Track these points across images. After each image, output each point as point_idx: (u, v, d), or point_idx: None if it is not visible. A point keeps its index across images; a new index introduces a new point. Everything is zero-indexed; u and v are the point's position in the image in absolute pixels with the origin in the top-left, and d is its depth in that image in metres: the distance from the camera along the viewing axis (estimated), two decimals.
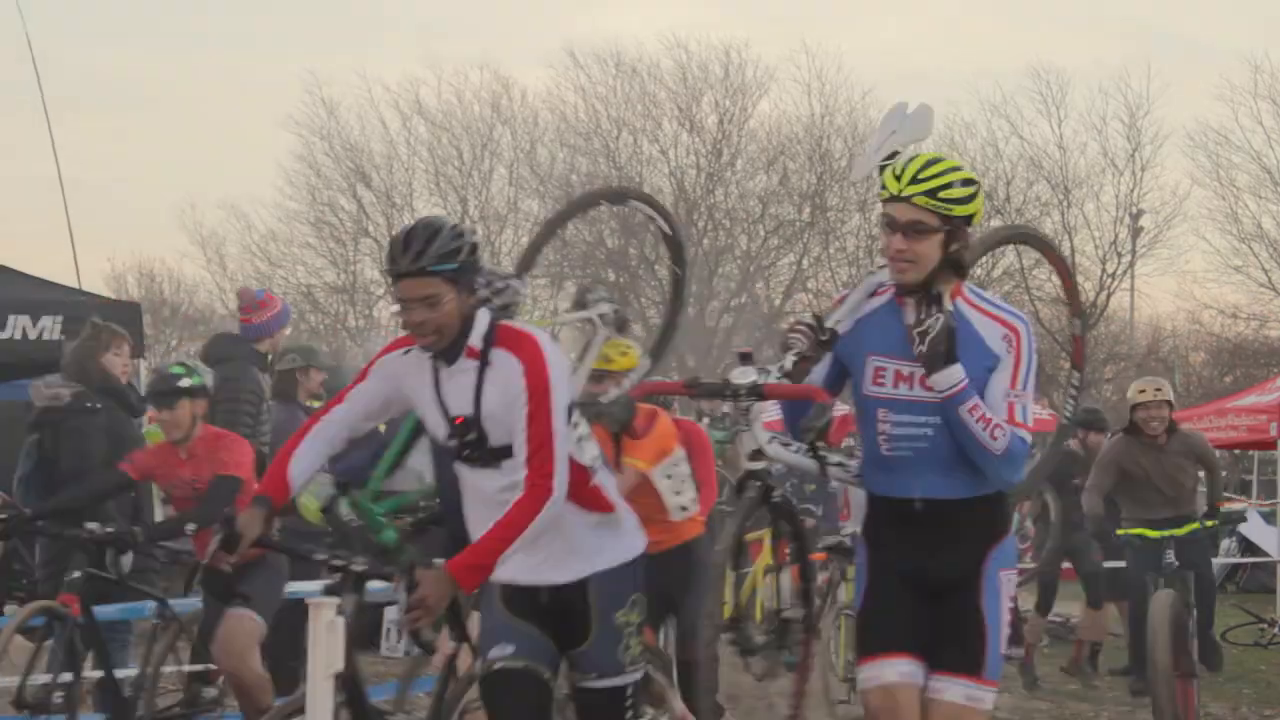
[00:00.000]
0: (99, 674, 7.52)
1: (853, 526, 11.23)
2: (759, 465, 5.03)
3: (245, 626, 7.20)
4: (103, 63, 57.27)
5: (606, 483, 4.95)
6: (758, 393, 4.94)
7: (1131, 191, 40.22)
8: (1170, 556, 9.59)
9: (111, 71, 57.28)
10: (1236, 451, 24.31)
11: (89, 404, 8.11)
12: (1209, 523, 10.34)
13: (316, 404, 10.11)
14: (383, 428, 6.61)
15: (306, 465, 4.91)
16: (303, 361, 9.87)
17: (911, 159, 4.83)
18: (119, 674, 7.72)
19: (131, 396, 8.61)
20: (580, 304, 6.45)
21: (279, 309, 9.26)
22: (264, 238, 43.34)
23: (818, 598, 6.36)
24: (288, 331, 9.49)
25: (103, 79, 56.91)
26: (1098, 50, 53.98)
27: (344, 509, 6.47)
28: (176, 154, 58.16)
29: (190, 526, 7.23)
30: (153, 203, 64.00)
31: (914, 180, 4.72)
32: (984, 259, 41.42)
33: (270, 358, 9.41)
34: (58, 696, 7.26)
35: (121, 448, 8.20)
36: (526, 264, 6.17)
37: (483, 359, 4.73)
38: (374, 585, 5.11)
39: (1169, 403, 10.93)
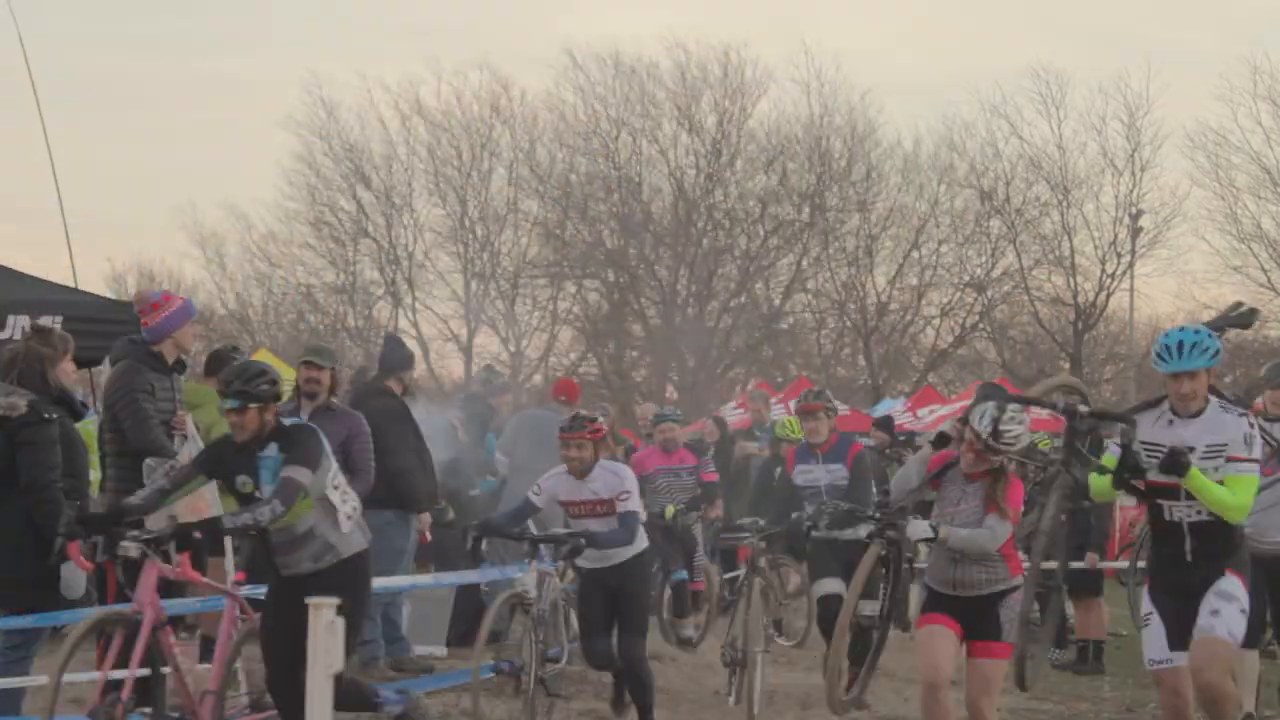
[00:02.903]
0: None
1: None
2: None
3: None
4: (103, 63, 57.30)
5: None
6: None
7: (1131, 192, 40.27)
8: None
9: (111, 72, 57.30)
10: None
11: (45, 414, 8.08)
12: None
13: (334, 400, 10.30)
14: None
15: None
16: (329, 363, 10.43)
17: None
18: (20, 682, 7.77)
19: (77, 403, 8.64)
20: None
21: (174, 309, 9.24)
22: (264, 238, 43.39)
23: None
24: (192, 328, 9.48)
25: (102, 79, 56.94)
26: (1097, 50, 54.00)
27: None
28: (176, 154, 58.16)
29: None
30: (153, 202, 63.94)
31: None
32: (983, 258, 41.52)
33: (179, 356, 9.42)
34: None
35: (73, 456, 8.22)
36: None
37: None
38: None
39: None
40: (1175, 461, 7.10)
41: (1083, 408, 7.38)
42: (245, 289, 44.22)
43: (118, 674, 7.43)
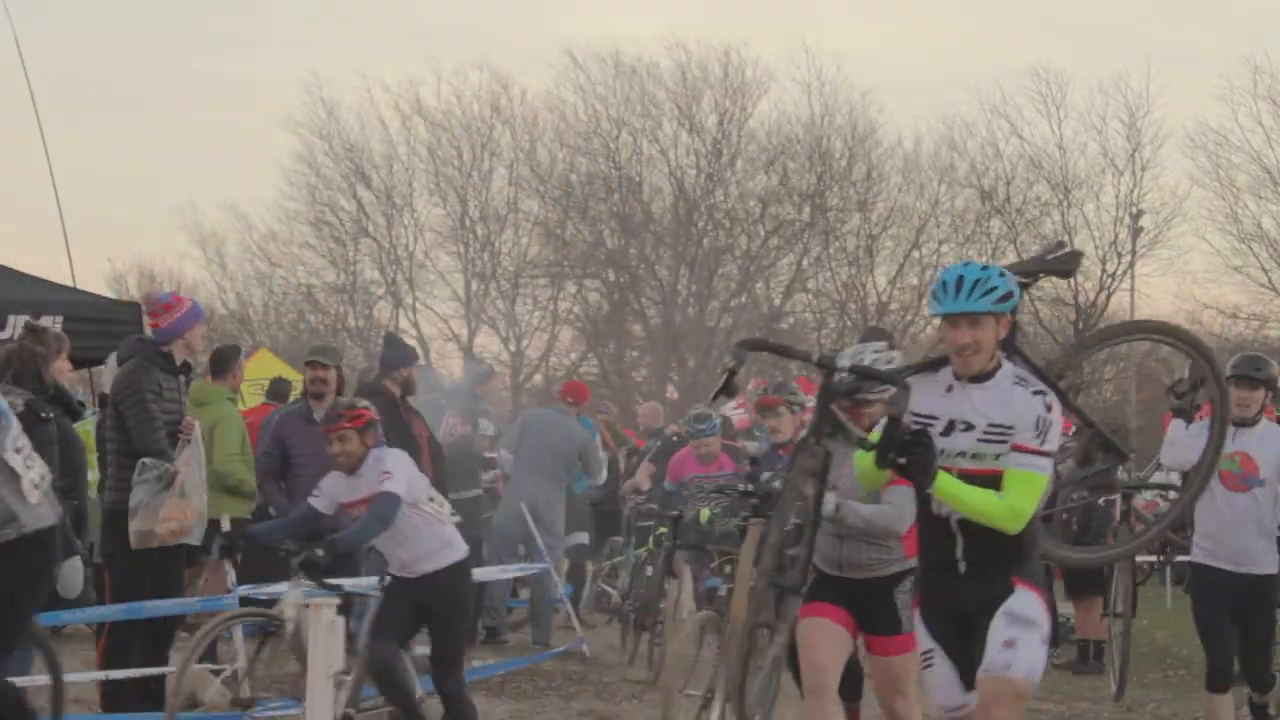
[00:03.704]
0: None
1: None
2: None
3: None
4: (103, 63, 57.29)
5: None
6: None
7: (1131, 191, 40.23)
8: None
9: (111, 72, 57.30)
10: None
11: (42, 413, 8.09)
12: None
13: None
14: None
15: None
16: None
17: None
18: (21, 682, 7.69)
19: (74, 402, 8.66)
20: None
21: (185, 310, 9.27)
22: (264, 238, 43.36)
23: None
24: (200, 330, 9.49)
25: (102, 79, 56.93)
26: (1097, 50, 54.00)
27: None
28: (176, 154, 58.15)
29: None
30: (153, 202, 63.96)
31: None
32: (984, 258, 41.44)
33: (187, 359, 9.42)
34: None
35: (70, 455, 8.23)
36: None
37: None
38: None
39: None
40: (915, 457, 5.43)
41: (841, 361, 5.92)
42: (245, 289, 44.23)
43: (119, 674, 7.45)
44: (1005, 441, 5.51)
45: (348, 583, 8.59)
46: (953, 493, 5.47)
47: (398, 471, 8.16)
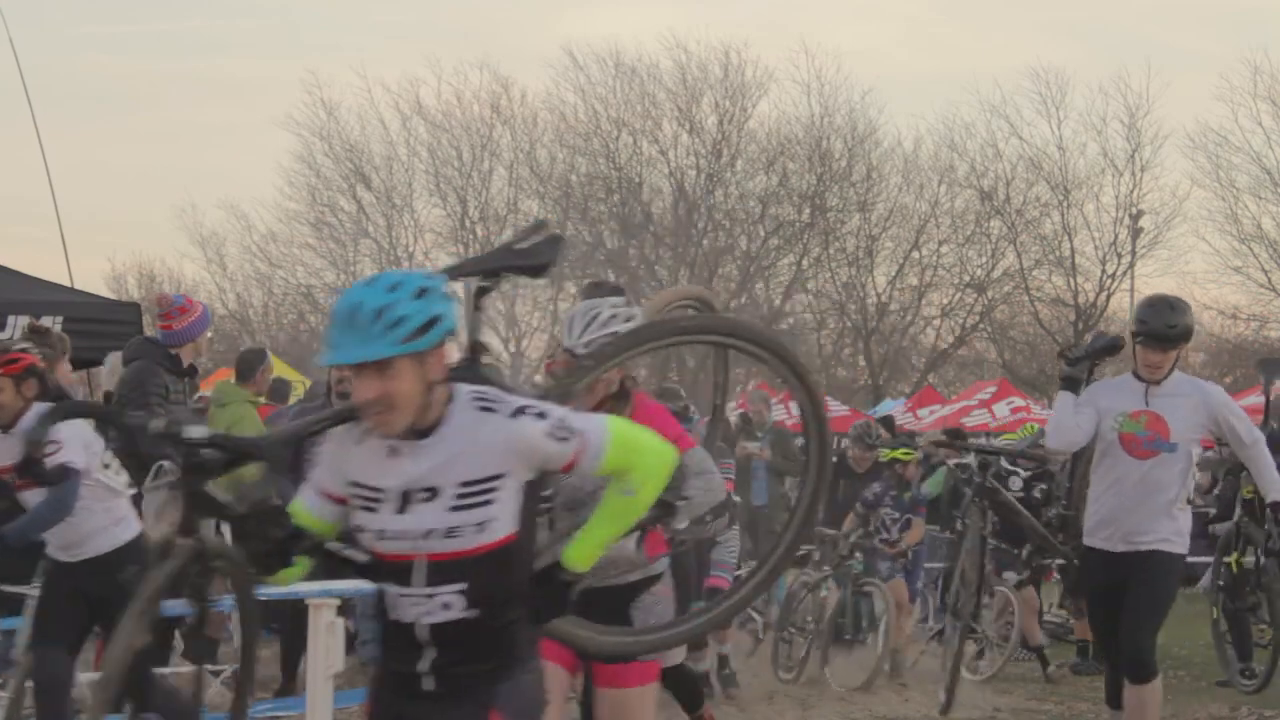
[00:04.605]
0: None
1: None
2: None
3: None
4: (102, 63, 57.30)
5: None
6: None
7: (1131, 192, 40.23)
8: None
9: (111, 72, 57.32)
10: None
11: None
12: None
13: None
14: None
15: None
16: None
17: None
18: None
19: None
20: None
21: (198, 314, 9.27)
22: (264, 238, 43.38)
23: None
24: (210, 334, 9.50)
25: (102, 79, 56.96)
26: (1097, 50, 54.07)
27: None
28: (176, 154, 58.19)
29: None
30: (153, 202, 64.07)
31: None
32: (983, 259, 41.47)
33: (193, 362, 9.42)
34: None
35: None
36: None
37: None
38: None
39: None
40: (554, 602, 3.95)
41: (193, 432, 4.04)
42: (245, 289, 44.26)
43: None
44: (490, 501, 3.83)
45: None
46: (595, 548, 3.97)
47: (70, 439, 6.78)
